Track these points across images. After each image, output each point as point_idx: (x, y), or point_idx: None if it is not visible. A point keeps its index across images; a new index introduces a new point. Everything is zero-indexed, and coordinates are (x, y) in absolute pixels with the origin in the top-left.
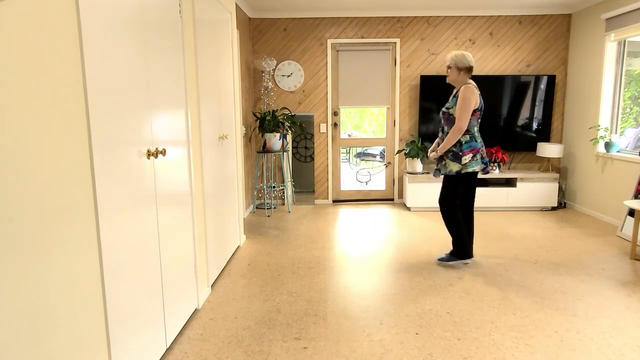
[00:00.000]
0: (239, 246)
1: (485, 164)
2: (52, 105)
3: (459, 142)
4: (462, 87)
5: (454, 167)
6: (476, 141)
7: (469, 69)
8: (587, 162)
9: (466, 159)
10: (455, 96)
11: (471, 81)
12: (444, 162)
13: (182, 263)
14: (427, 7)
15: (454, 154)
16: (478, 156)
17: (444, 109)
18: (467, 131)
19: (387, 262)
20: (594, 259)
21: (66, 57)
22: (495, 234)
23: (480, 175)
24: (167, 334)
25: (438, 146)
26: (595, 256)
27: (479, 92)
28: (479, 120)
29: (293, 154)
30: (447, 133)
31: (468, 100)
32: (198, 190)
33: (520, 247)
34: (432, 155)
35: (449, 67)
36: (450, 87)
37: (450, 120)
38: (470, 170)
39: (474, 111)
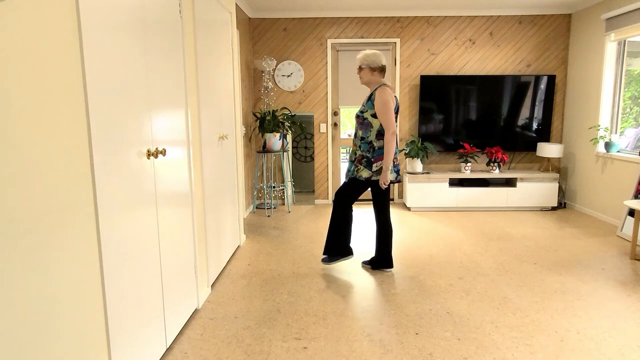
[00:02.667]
0: (239, 246)
1: (397, 172)
2: (52, 105)
3: (373, 148)
4: (378, 89)
5: (364, 173)
6: None
7: (382, 68)
8: (587, 162)
9: (377, 165)
10: (370, 99)
11: (386, 82)
12: (356, 167)
13: (182, 263)
14: (427, 7)
15: (367, 160)
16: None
17: (358, 112)
18: (382, 136)
19: None
20: (594, 259)
21: (66, 57)
22: (495, 234)
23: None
24: (167, 334)
25: (355, 154)
26: (595, 256)
27: (394, 93)
28: (395, 123)
29: (293, 154)
30: (362, 138)
31: (388, 102)
32: (198, 190)
33: (520, 247)
34: (382, 181)
35: (360, 68)
36: (449, 87)
37: (365, 124)
38: (376, 178)
39: None
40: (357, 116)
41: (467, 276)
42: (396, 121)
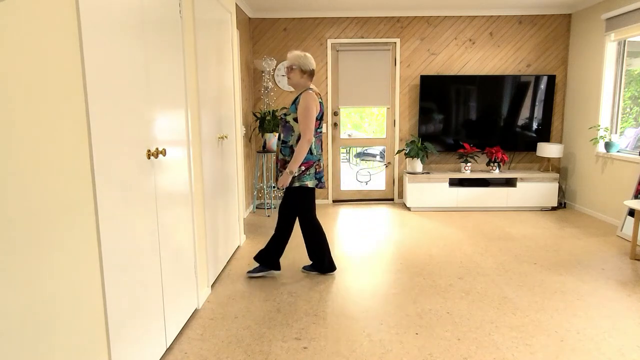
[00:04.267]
0: (239, 246)
1: (319, 179)
2: (52, 105)
3: (293, 152)
4: (304, 93)
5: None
6: (312, 154)
7: (312, 72)
8: (587, 162)
9: (298, 170)
10: (295, 102)
11: (313, 86)
12: (280, 173)
13: (182, 263)
14: (427, 7)
15: (288, 164)
16: (312, 170)
17: (281, 114)
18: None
19: (387, 262)
20: (594, 259)
21: (66, 57)
22: (495, 234)
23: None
24: (167, 334)
25: (278, 159)
26: (595, 256)
27: (320, 99)
28: (320, 130)
29: None
30: (283, 142)
31: (310, 108)
32: (198, 190)
33: (520, 247)
34: (281, 183)
35: (291, 68)
36: (449, 87)
37: (287, 128)
38: (299, 184)
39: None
40: (280, 119)
41: (467, 276)
42: (319, 127)
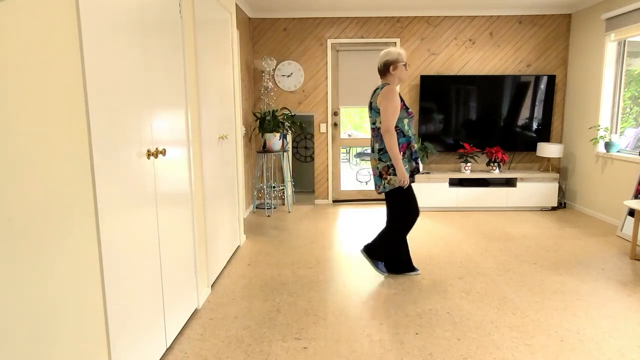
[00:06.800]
0: (239, 246)
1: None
2: (52, 105)
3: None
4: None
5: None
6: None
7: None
8: (587, 162)
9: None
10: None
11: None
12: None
13: (182, 263)
14: (427, 7)
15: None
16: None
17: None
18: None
19: None
20: (594, 259)
21: (66, 57)
22: (495, 234)
23: None
24: (167, 334)
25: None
26: (595, 256)
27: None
28: (409, 109)
29: (293, 154)
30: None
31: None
32: (198, 190)
33: (520, 247)
34: (403, 180)
35: (396, 66)
36: (449, 87)
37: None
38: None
39: None
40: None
41: (467, 276)
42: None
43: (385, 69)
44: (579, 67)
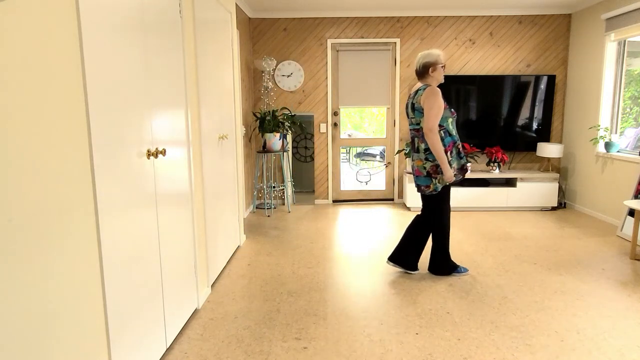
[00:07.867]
0: (239, 246)
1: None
2: (52, 105)
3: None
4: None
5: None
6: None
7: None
8: (587, 162)
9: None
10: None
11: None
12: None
13: (182, 263)
14: (427, 7)
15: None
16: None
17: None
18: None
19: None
20: (594, 259)
21: (66, 57)
22: (495, 234)
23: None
24: (167, 334)
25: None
26: (595, 256)
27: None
28: (452, 109)
29: (293, 154)
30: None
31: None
32: (198, 190)
33: (520, 247)
34: (449, 177)
35: (435, 67)
36: (449, 87)
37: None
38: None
39: None
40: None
41: (467, 276)
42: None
43: (424, 71)
44: (579, 67)
